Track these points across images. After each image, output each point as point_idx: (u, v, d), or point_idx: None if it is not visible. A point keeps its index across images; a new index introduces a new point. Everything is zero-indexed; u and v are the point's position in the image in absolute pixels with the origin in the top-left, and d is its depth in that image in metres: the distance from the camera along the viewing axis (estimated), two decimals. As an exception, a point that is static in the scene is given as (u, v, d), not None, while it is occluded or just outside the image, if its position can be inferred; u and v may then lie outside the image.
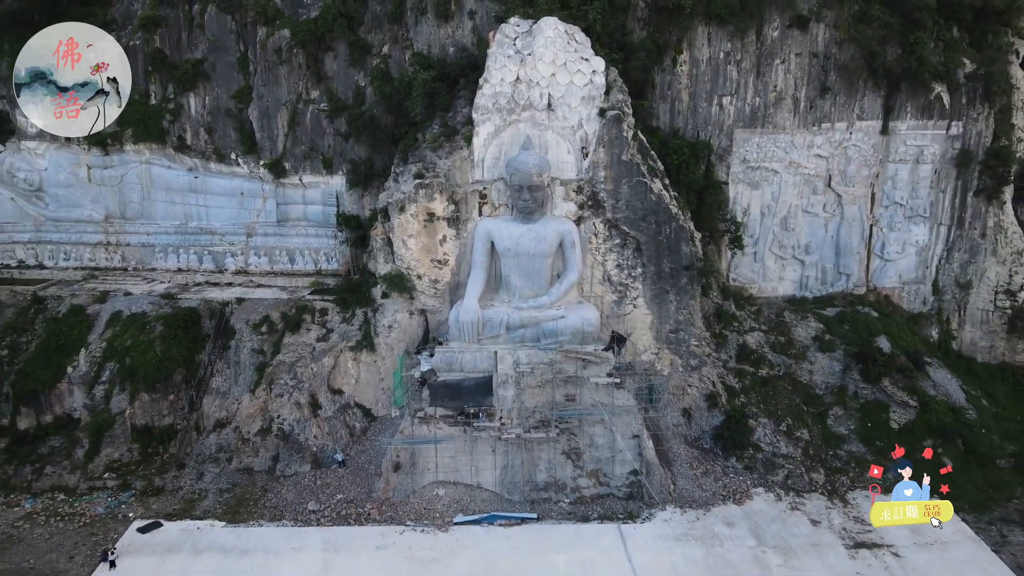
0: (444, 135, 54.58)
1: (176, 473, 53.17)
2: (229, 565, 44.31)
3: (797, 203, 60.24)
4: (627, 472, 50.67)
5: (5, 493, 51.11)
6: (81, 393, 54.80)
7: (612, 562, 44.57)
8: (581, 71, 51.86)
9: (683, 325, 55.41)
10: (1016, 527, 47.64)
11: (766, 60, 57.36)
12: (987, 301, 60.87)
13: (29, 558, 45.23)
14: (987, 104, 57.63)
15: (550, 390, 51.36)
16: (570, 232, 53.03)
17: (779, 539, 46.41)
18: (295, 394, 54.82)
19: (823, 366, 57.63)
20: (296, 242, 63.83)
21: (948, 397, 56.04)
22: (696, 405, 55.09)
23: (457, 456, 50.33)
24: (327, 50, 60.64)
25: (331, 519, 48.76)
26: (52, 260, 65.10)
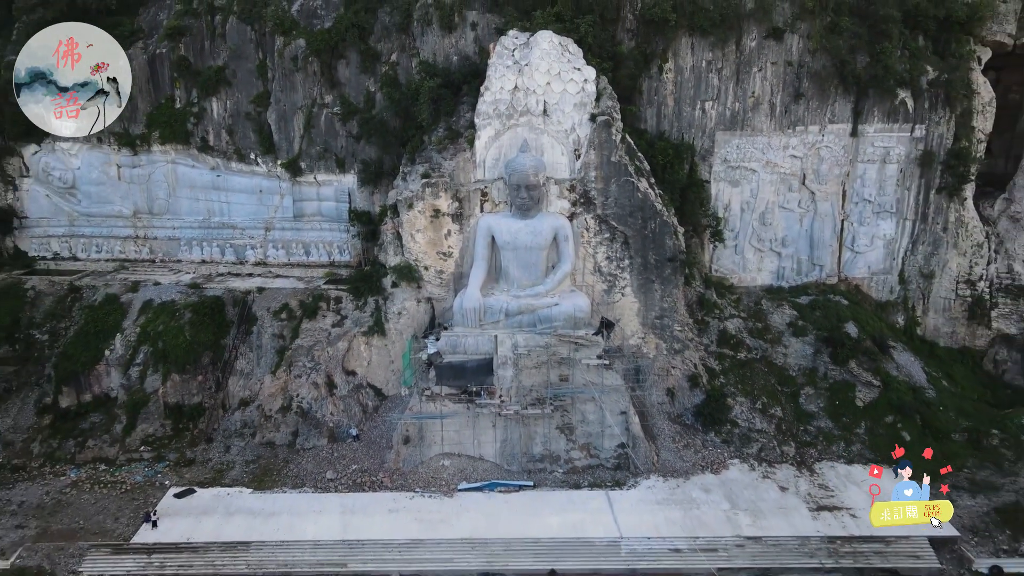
0: (448, 138, 59.52)
1: (205, 446, 58.54)
2: (258, 525, 49.67)
3: (774, 200, 65.13)
4: (615, 445, 55.92)
5: (52, 464, 56.58)
6: (118, 374, 60.07)
7: (600, 523, 49.93)
8: (574, 80, 56.76)
9: (667, 312, 60.53)
10: (964, 492, 52.85)
11: (745, 68, 62.19)
12: (949, 290, 65.88)
13: (79, 519, 50.68)
14: (948, 108, 62.44)
15: (545, 371, 56.64)
16: (564, 227, 58.11)
17: (750, 503, 51.72)
18: (312, 375, 60.03)
19: (796, 350, 62.74)
20: (311, 236, 68.86)
21: (910, 377, 61.19)
22: (679, 385, 60.28)
23: (461, 430, 55.64)
24: (340, 58, 65.46)
25: (347, 486, 54.15)
26: (85, 253, 70.12)
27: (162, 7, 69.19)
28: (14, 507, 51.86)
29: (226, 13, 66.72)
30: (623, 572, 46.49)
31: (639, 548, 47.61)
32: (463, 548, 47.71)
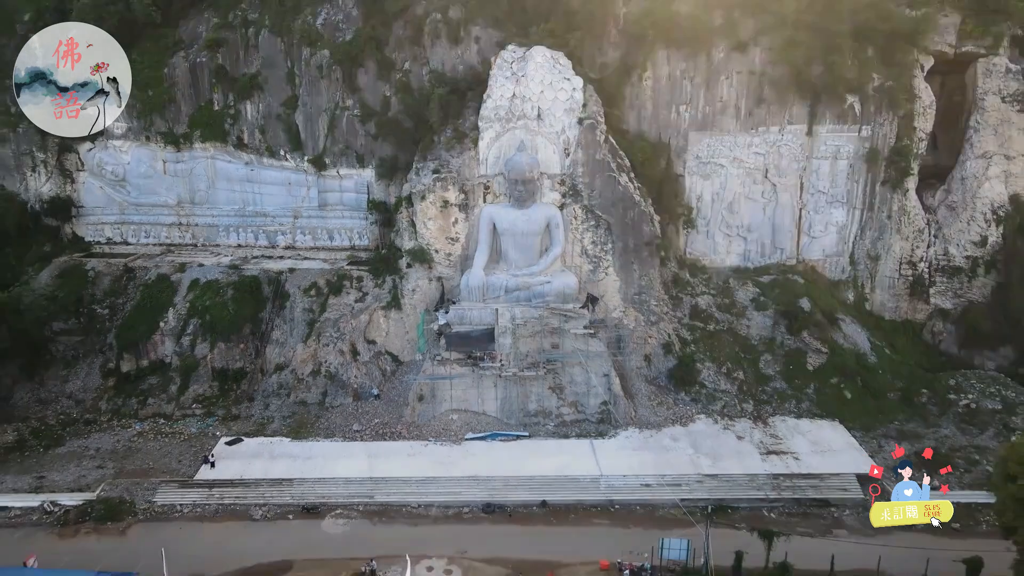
0: (455, 138, 68.76)
1: (248, 404, 68.21)
2: (298, 466, 59.44)
3: (740, 191, 74.22)
4: (599, 402, 65.54)
5: (118, 418, 66.38)
6: (171, 342, 69.67)
7: (584, 465, 59.68)
8: (564, 88, 65.96)
9: (645, 289, 69.98)
10: (892, 440, 62.41)
11: (714, 76, 71.13)
12: (893, 270, 75.13)
13: (148, 461, 60.56)
14: (891, 111, 71.36)
15: (539, 339, 66.26)
16: (555, 216, 67.51)
17: (711, 449, 61.41)
18: (338, 344, 69.56)
19: (757, 322, 72.13)
20: (334, 223, 78.06)
21: (856, 346, 70.70)
22: (655, 352, 69.75)
23: (467, 390, 65.33)
24: (359, 66, 74.32)
25: (371, 436, 63.90)
26: (135, 238, 79.37)
27: (201, 20, 77.98)
28: (92, 452, 61.70)
29: (259, 26, 75.64)
30: (602, 502, 56.21)
31: (616, 483, 57.37)
32: (469, 484, 57.45)
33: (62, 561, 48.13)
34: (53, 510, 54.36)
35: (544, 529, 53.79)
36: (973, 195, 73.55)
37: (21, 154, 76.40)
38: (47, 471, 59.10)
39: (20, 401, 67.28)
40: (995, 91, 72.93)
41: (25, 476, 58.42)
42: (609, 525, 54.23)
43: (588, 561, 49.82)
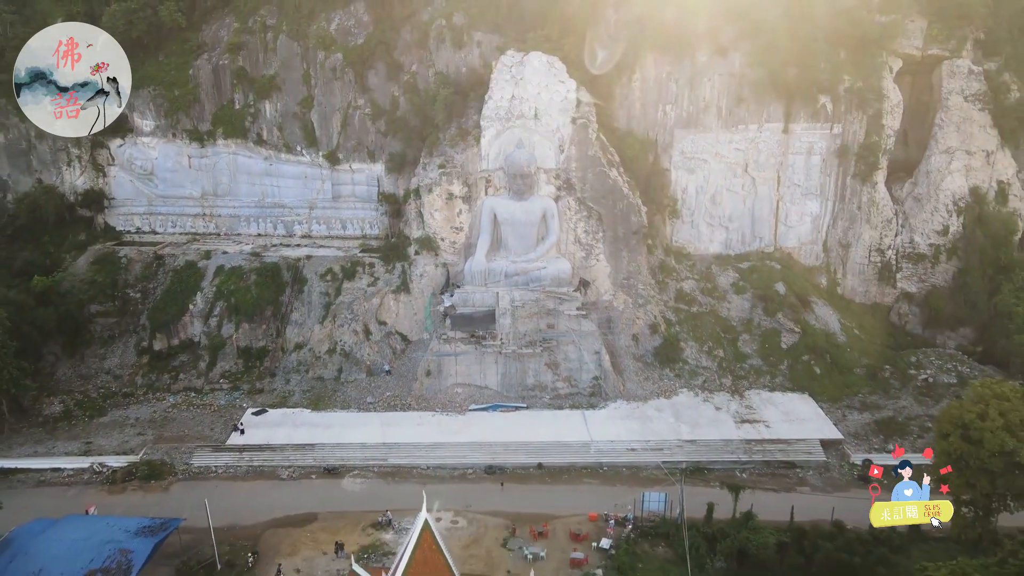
0: (459, 136, 74.89)
1: (270, 379, 74.63)
2: (318, 433, 65.91)
3: (722, 184, 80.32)
4: (590, 377, 71.95)
5: (153, 392, 72.90)
6: (200, 323, 76.07)
7: (576, 432, 66.12)
8: (559, 90, 71.99)
9: (633, 274, 76.30)
10: (855, 411, 69.12)
11: (697, 78, 77.11)
12: (863, 257, 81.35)
13: (183, 429, 67.11)
14: (861, 110, 77.37)
15: (536, 319, 72.60)
16: (551, 207, 73.72)
17: (691, 418, 67.85)
18: (352, 324, 75.89)
19: (737, 305, 78.46)
20: (347, 214, 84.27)
21: (826, 326, 77.04)
22: (642, 331, 76.02)
23: (470, 365, 71.72)
24: (370, 68, 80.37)
25: (383, 408, 70.35)
26: (162, 228, 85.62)
27: (222, 25, 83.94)
28: (132, 421, 68.30)
29: (276, 31, 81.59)
30: (592, 464, 62.70)
31: (604, 448, 63.88)
32: (473, 449, 63.92)
33: (115, 512, 54.58)
34: (102, 470, 60.96)
35: (540, 487, 60.30)
36: (937, 187, 79.68)
37: (57, 149, 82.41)
38: (93, 437, 65.76)
39: (63, 376, 73.76)
40: (958, 91, 78.95)
41: (74, 442, 65.11)
42: (598, 484, 60.71)
43: (578, 514, 56.25)
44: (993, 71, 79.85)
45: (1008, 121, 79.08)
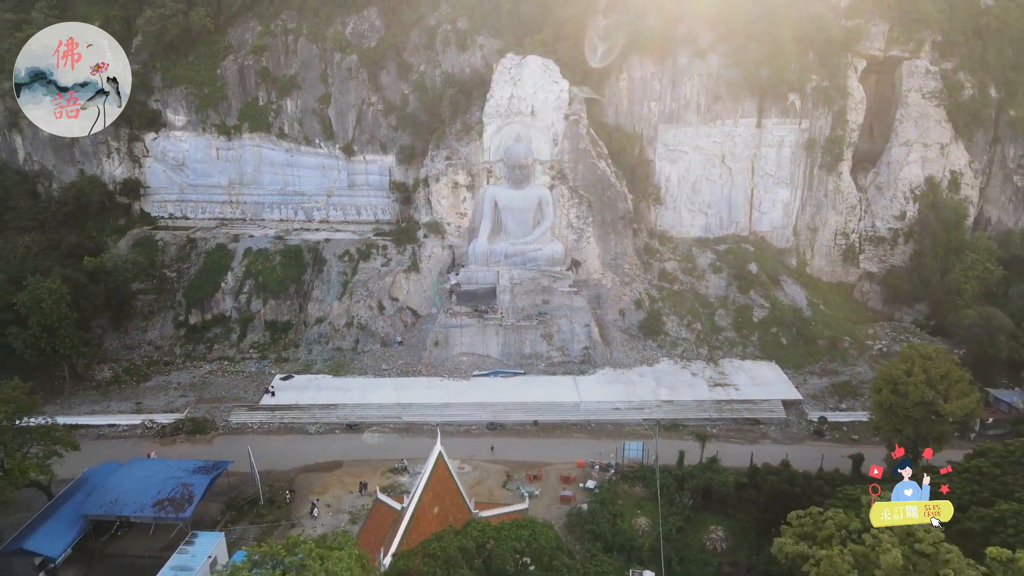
0: (463, 130, 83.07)
1: (294, 350, 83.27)
2: (339, 395, 74.61)
3: (701, 174, 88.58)
4: (581, 347, 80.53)
5: (190, 360, 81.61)
6: (231, 299, 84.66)
7: (567, 394, 74.76)
8: (553, 90, 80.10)
9: (620, 255, 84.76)
10: (815, 376, 77.84)
11: (678, 78, 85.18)
12: (829, 240, 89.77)
13: (221, 392, 75.89)
14: (827, 107, 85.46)
15: (533, 296, 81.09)
16: (546, 195, 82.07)
17: (670, 382, 76.51)
18: (367, 300, 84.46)
19: (714, 283, 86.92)
20: (361, 201, 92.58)
21: (794, 302, 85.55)
22: (628, 307, 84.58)
23: (474, 336, 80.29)
24: (382, 68, 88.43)
25: (396, 374, 78.99)
26: (193, 213, 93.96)
27: (247, 29, 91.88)
28: (174, 385, 77.09)
29: (297, 34, 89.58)
30: (581, 422, 71.42)
31: (592, 408, 72.55)
32: (477, 408, 72.60)
33: (170, 459, 63.33)
34: (152, 426, 69.76)
35: (535, 440, 69.10)
36: (896, 177, 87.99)
37: (97, 142, 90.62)
38: (142, 399, 74.59)
39: (110, 347, 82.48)
40: (917, 89, 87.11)
41: (125, 402, 73.96)
42: (585, 438, 69.51)
43: (568, 461, 65.08)
44: (949, 71, 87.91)
45: (962, 116, 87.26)
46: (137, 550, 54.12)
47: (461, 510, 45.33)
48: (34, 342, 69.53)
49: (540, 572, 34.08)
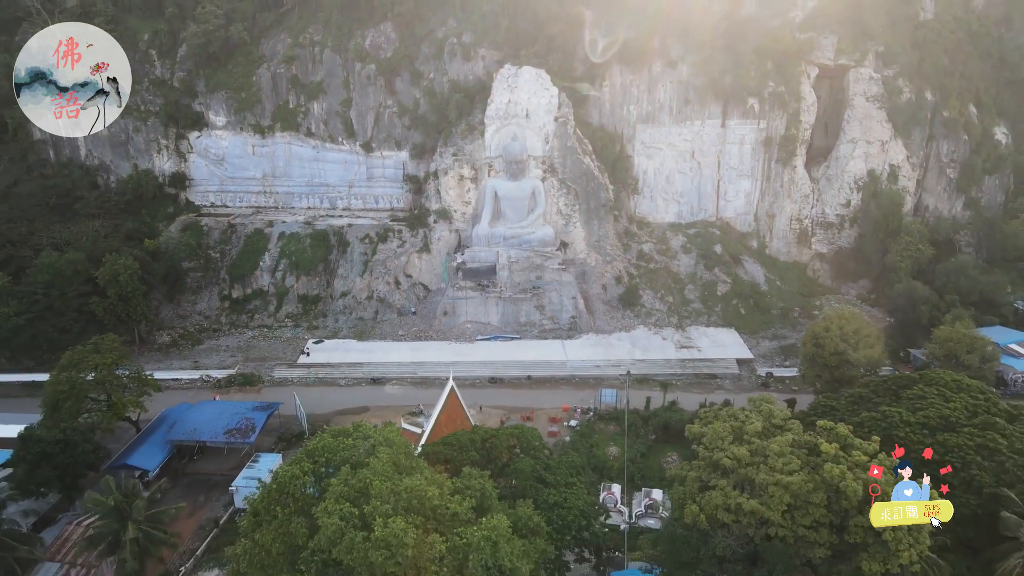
0: (467, 130, 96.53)
1: (323, 319, 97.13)
2: (364, 355, 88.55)
3: (674, 167, 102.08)
4: (568, 316, 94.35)
5: (235, 328, 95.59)
6: (268, 276, 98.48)
7: (556, 355, 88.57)
8: (545, 96, 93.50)
9: (603, 238, 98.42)
10: (767, 340, 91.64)
11: (654, 84, 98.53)
12: (785, 225, 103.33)
13: (263, 353, 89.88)
14: (782, 109, 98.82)
15: (527, 272, 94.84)
16: (539, 186, 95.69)
17: (643, 345, 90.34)
18: (385, 277, 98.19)
19: (684, 262, 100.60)
20: (379, 191, 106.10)
21: (753, 278, 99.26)
22: (609, 282, 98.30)
23: (477, 307, 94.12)
24: (396, 76, 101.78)
25: (411, 339, 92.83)
26: (232, 202, 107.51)
27: (279, 41, 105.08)
28: (224, 347, 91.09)
29: (322, 46, 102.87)
30: (567, 376, 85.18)
31: (576, 365, 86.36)
32: (480, 365, 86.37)
33: (228, 403, 77.41)
34: (209, 379, 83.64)
35: (528, 391, 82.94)
36: (843, 170, 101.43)
37: (149, 140, 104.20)
38: (198, 358, 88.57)
39: (166, 316, 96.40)
40: (862, 93, 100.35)
41: (184, 361, 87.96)
42: (570, 389, 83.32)
43: (555, 407, 79.00)
44: (890, 77, 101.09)
45: (900, 117, 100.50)
46: (211, 469, 68.21)
47: (467, 426, 59.22)
48: (112, 309, 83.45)
49: (526, 456, 47.82)
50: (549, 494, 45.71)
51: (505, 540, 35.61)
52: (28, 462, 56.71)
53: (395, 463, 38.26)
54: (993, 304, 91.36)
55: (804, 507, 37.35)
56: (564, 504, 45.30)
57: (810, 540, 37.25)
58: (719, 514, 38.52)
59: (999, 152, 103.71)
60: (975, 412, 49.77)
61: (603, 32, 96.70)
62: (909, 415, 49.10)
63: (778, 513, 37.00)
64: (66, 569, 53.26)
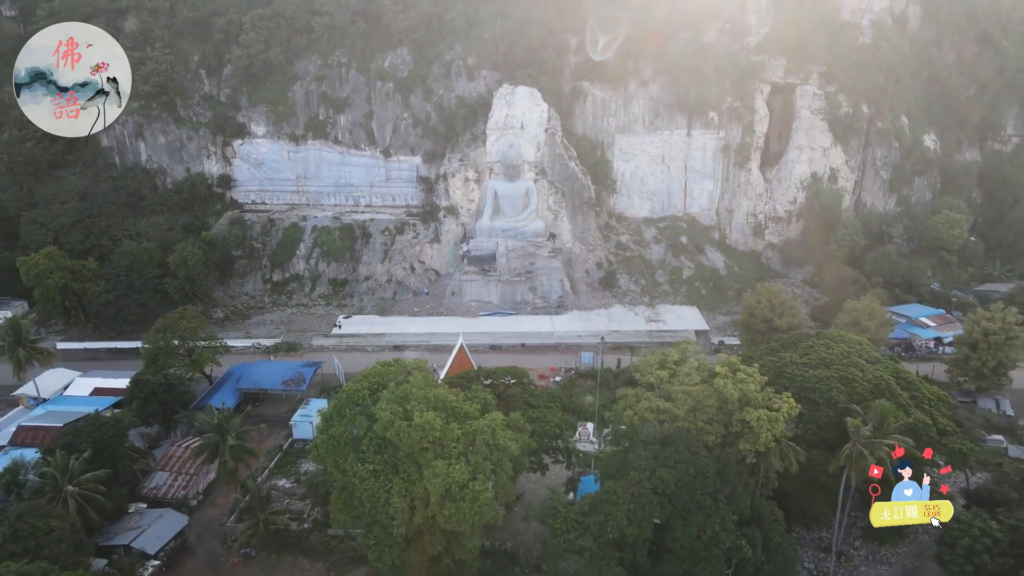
0: (472, 139, 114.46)
1: (350, 299, 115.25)
2: (386, 327, 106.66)
3: (647, 170, 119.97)
4: (557, 296, 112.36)
5: (277, 306, 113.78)
6: (303, 263, 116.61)
7: (545, 327, 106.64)
8: (536, 111, 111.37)
9: (586, 230, 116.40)
10: (722, 315, 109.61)
11: (629, 100, 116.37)
12: (742, 219, 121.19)
13: (302, 326, 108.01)
14: (738, 121, 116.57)
15: (522, 259, 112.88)
16: (532, 186, 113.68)
17: (618, 320, 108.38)
18: (402, 263, 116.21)
19: (656, 250, 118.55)
20: (396, 191, 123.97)
21: (714, 264, 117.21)
22: (591, 268, 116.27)
23: (480, 288, 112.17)
24: (411, 92, 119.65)
25: (425, 315, 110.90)
26: (270, 200, 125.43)
27: (310, 62, 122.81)
28: (269, 321, 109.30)
29: (348, 67, 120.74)
30: (555, 344, 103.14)
31: (562, 335, 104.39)
32: (483, 335, 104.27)
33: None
34: (260, 346, 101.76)
35: (523, 355, 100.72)
36: (790, 172, 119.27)
37: (200, 147, 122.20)
38: (248, 330, 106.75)
39: (219, 296, 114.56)
40: (807, 107, 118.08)
41: (237, 332, 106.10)
42: (557, 354, 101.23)
43: (544, 367, 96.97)
44: (831, 93, 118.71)
45: (839, 127, 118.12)
46: (271, 412, 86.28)
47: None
48: (181, 288, 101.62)
49: (519, 386, 65.90)
50: (532, 412, 63.87)
51: (500, 428, 53.72)
52: (140, 399, 74.85)
53: (425, 380, 56.50)
54: (913, 286, 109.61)
55: (702, 408, 55.28)
56: (543, 419, 63.41)
57: (706, 431, 55.19)
58: (647, 415, 56.51)
59: (927, 157, 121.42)
60: (848, 356, 67.78)
61: (586, 56, 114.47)
62: (797, 357, 67.19)
63: (683, 411, 55.02)
64: (173, 476, 71.57)
